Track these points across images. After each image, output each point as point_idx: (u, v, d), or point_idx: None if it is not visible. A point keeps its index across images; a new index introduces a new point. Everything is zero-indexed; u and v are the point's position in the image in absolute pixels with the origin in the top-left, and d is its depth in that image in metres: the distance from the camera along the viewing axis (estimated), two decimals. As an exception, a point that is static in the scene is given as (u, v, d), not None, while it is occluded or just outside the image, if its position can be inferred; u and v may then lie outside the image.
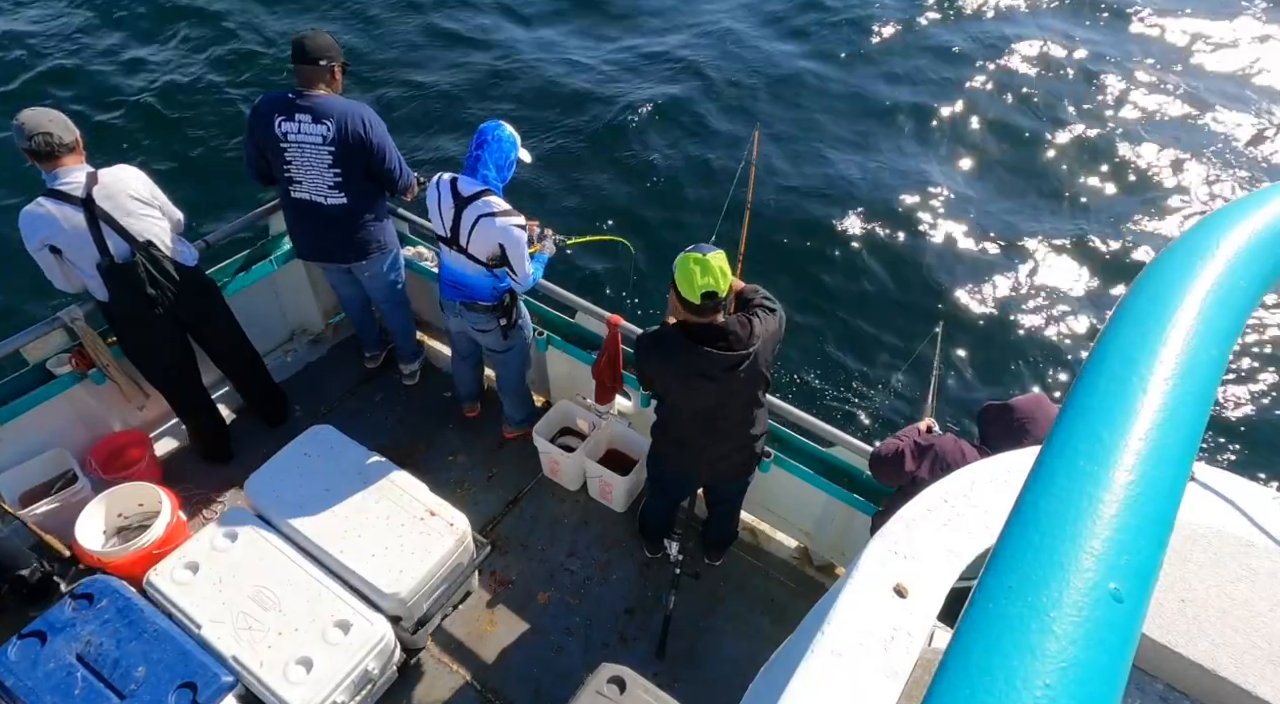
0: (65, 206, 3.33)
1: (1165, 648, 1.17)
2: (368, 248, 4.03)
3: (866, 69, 9.01)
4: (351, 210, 3.88)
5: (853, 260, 6.91)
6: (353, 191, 3.82)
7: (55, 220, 3.33)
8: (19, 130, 3.26)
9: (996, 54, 9.29)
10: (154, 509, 3.54)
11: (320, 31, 3.74)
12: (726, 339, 2.80)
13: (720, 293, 2.69)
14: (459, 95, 8.45)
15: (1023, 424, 2.72)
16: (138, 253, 3.49)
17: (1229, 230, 0.84)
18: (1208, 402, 0.71)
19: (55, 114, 3.34)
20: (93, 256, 3.42)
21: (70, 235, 3.36)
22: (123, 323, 3.68)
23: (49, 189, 3.36)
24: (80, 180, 3.36)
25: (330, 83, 3.73)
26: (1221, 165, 7.89)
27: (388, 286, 4.29)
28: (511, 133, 3.44)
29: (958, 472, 1.36)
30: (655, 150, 7.83)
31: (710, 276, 2.66)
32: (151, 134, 7.88)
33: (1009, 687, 0.52)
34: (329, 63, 3.68)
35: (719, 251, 2.71)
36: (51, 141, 3.28)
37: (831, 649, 1.09)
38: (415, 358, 4.74)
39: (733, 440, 3.18)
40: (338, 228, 3.92)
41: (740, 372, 2.86)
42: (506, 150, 3.42)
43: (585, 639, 3.63)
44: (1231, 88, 8.84)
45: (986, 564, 0.61)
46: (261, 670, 2.90)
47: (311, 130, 3.66)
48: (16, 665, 2.82)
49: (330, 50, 3.69)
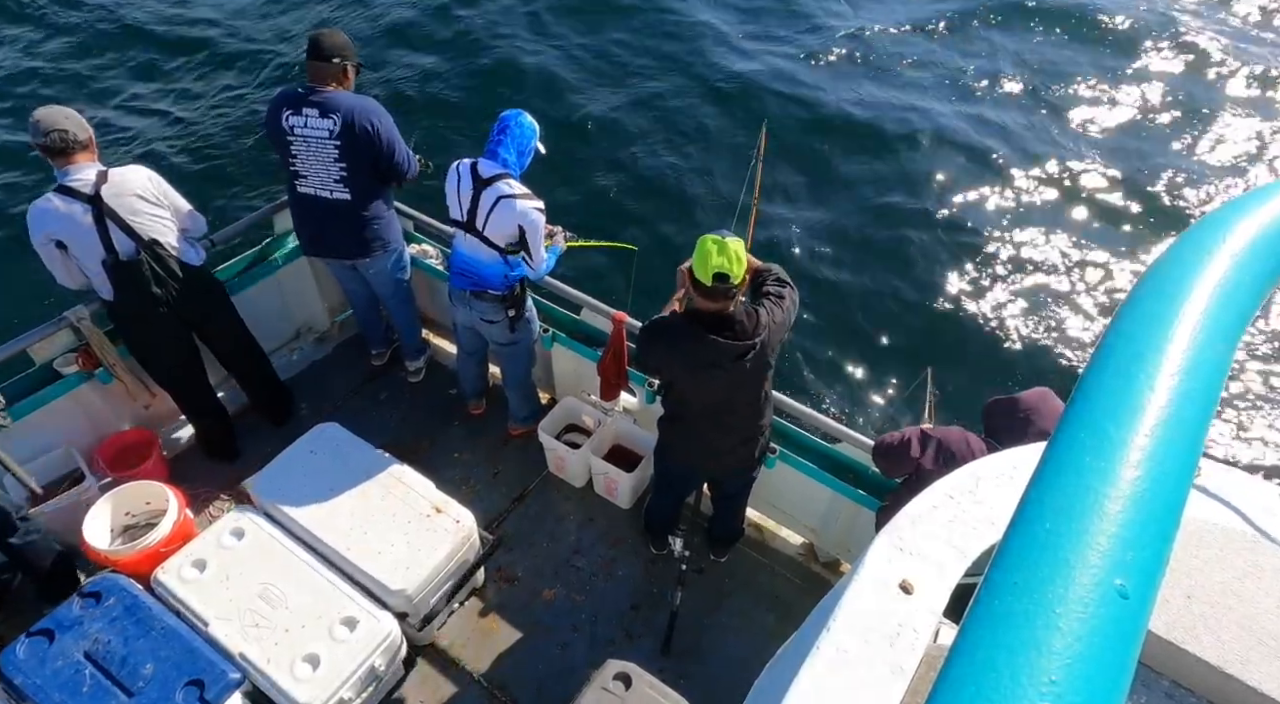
0: (74, 203, 3.36)
1: (1171, 644, 1.17)
2: (372, 244, 4.03)
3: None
4: (356, 205, 3.88)
5: (856, 258, 6.90)
6: (358, 187, 3.82)
7: (62, 215, 3.35)
8: (35, 127, 3.29)
9: (995, 57, 9.26)
10: (161, 507, 3.56)
11: (337, 30, 3.77)
12: (733, 328, 2.81)
13: (733, 277, 2.69)
14: (473, 88, 8.48)
15: (1028, 417, 2.72)
16: (142, 251, 3.51)
17: (1235, 226, 0.84)
18: (1214, 398, 0.71)
19: (70, 112, 3.38)
20: (98, 253, 3.44)
21: (76, 231, 3.39)
22: (127, 321, 3.70)
23: (59, 185, 3.39)
24: (90, 178, 3.39)
25: (342, 80, 3.74)
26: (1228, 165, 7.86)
27: (393, 283, 4.30)
28: (532, 122, 3.48)
29: (962, 468, 1.36)
30: (661, 149, 7.82)
31: (725, 257, 2.66)
32: (162, 134, 7.90)
33: (1015, 683, 0.52)
34: (342, 61, 3.69)
35: (738, 239, 2.73)
36: (66, 138, 3.32)
37: (837, 646, 1.09)
38: (420, 355, 4.75)
39: (740, 432, 3.18)
40: (342, 223, 3.93)
41: (746, 361, 2.86)
42: (528, 136, 3.46)
43: (590, 636, 3.64)
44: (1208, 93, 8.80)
45: (992, 560, 0.61)
46: (268, 667, 2.91)
47: (319, 124, 3.66)
48: (25, 663, 2.83)
49: (344, 49, 3.71)
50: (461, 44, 9.21)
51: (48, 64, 8.83)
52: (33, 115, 3.32)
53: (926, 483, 1.36)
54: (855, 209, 7.30)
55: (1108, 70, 8.94)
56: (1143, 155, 7.93)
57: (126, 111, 8.22)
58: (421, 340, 4.76)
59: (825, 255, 6.90)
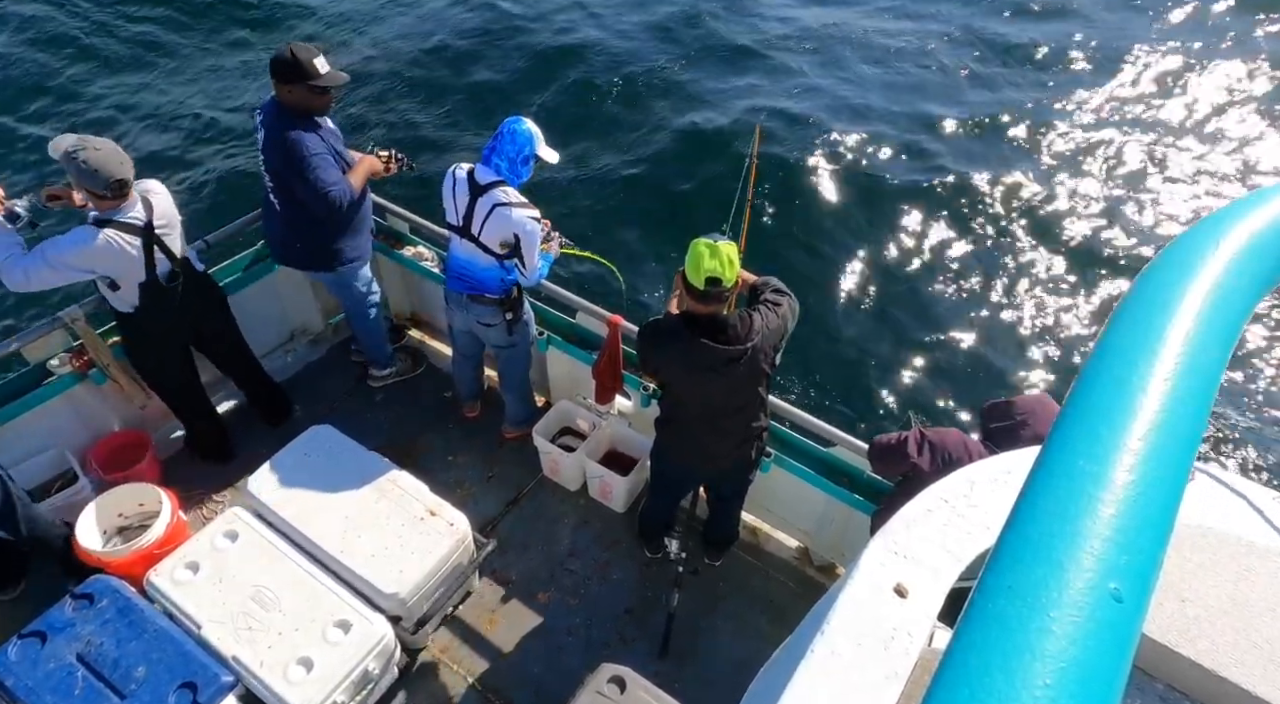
0: (131, 237, 3.34)
1: (1165, 648, 1.17)
2: (317, 257, 4.00)
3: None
4: (291, 219, 3.87)
5: (856, 260, 6.91)
6: (284, 200, 3.81)
7: (122, 253, 3.32)
8: (92, 176, 3.15)
9: (992, 63, 9.29)
10: (154, 509, 3.54)
11: (300, 47, 3.56)
12: (726, 332, 2.82)
13: (724, 281, 2.71)
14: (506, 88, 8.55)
15: (1024, 420, 2.72)
16: (178, 268, 3.54)
17: (1229, 230, 0.84)
18: (1208, 401, 0.71)
19: (114, 149, 3.23)
20: (138, 277, 3.44)
21: (131, 265, 3.39)
22: (141, 331, 3.67)
23: (115, 221, 3.30)
24: (142, 214, 3.36)
25: (285, 94, 3.59)
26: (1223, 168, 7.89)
27: (348, 299, 4.27)
28: (529, 128, 3.42)
29: (957, 472, 1.36)
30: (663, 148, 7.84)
31: (717, 261, 2.68)
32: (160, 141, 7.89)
33: (1009, 687, 0.52)
34: (284, 79, 3.55)
35: (731, 243, 2.74)
36: (126, 185, 3.26)
37: (831, 649, 1.09)
38: (385, 366, 4.64)
39: (735, 435, 3.19)
40: (289, 232, 3.95)
41: (740, 365, 2.87)
42: (520, 144, 3.40)
43: (585, 639, 3.63)
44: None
45: (986, 564, 0.61)
46: (262, 670, 2.90)
47: (260, 134, 3.70)
48: (17, 665, 2.82)
49: (286, 68, 3.51)
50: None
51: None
52: (80, 158, 3.12)
53: (922, 486, 1.36)
54: (847, 211, 7.32)
55: (1067, 89, 8.98)
56: (1137, 161, 7.96)
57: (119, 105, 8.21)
58: (389, 355, 4.63)
59: (824, 255, 6.91)
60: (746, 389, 3.04)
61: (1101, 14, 9.97)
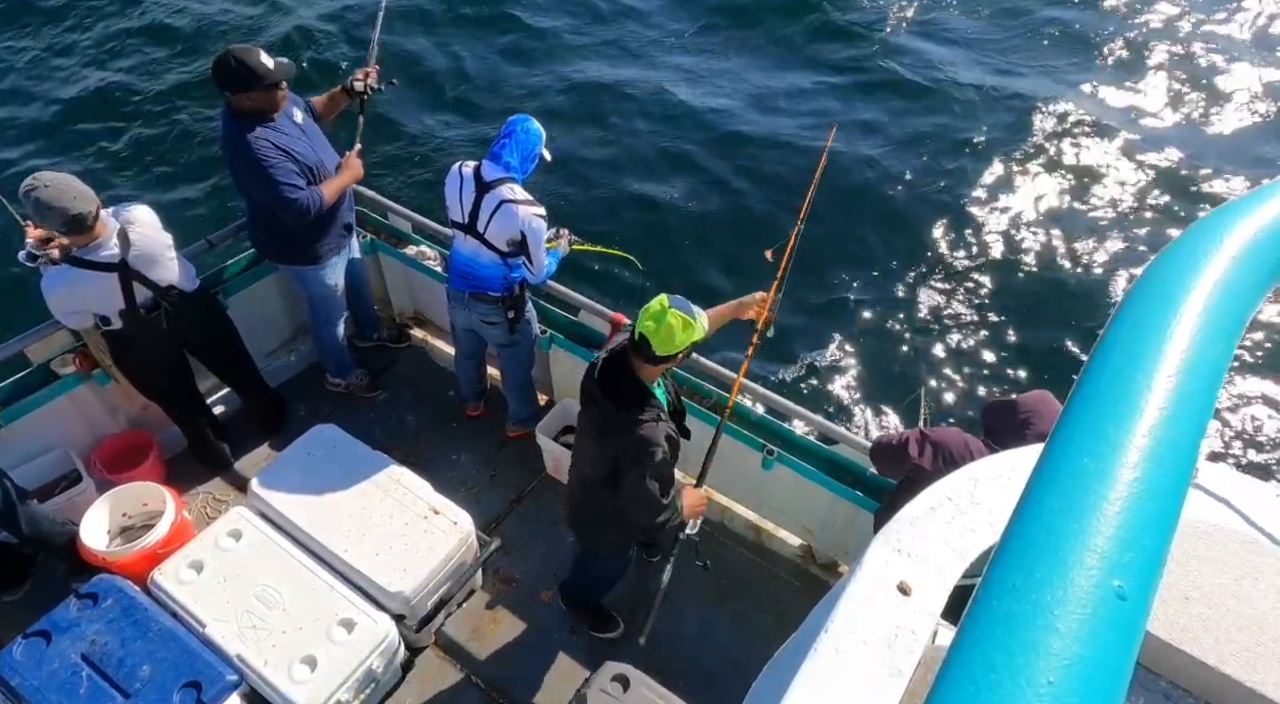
0: (102, 275, 3.30)
1: (1169, 645, 1.17)
2: (283, 252, 4.05)
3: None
4: (254, 215, 3.92)
5: (862, 260, 6.91)
6: (244, 196, 3.88)
7: (93, 295, 3.32)
8: (46, 213, 3.06)
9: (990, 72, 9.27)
10: (158, 509, 3.55)
11: (240, 50, 3.46)
12: (618, 380, 2.66)
13: (652, 344, 2.51)
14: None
15: (1027, 419, 2.71)
16: (160, 298, 3.51)
17: (1234, 226, 0.84)
18: (1212, 399, 0.70)
19: (70, 186, 3.12)
20: (116, 306, 3.42)
21: (109, 300, 3.38)
22: (124, 345, 3.63)
23: (85, 260, 3.25)
24: (115, 250, 3.30)
25: (243, 102, 3.53)
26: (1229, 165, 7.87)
27: (310, 298, 4.25)
28: (538, 128, 3.47)
29: (960, 469, 1.35)
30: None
31: (652, 322, 2.50)
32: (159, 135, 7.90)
33: (1013, 684, 0.52)
34: (240, 87, 3.49)
35: (687, 317, 2.52)
36: (83, 220, 3.15)
37: (835, 647, 1.09)
38: (342, 375, 4.57)
39: (572, 493, 3.14)
40: (255, 226, 4.02)
41: (599, 416, 2.73)
42: (532, 142, 3.45)
43: (589, 637, 3.63)
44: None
45: (990, 562, 0.61)
46: (266, 669, 2.91)
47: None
48: (22, 665, 2.83)
49: (235, 76, 3.45)
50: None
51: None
52: (34, 196, 3.01)
53: (925, 484, 1.36)
54: (854, 210, 7.31)
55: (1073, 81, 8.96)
56: (1141, 151, 7.94)
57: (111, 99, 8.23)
58: (346, 364, 4.55)
59: (821, 255, 6.90)
60: (589, 453, 2.83)
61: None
